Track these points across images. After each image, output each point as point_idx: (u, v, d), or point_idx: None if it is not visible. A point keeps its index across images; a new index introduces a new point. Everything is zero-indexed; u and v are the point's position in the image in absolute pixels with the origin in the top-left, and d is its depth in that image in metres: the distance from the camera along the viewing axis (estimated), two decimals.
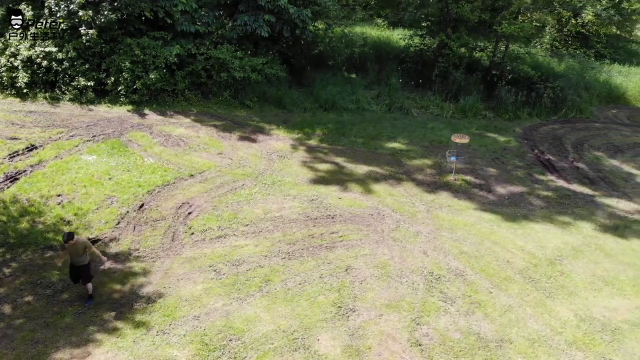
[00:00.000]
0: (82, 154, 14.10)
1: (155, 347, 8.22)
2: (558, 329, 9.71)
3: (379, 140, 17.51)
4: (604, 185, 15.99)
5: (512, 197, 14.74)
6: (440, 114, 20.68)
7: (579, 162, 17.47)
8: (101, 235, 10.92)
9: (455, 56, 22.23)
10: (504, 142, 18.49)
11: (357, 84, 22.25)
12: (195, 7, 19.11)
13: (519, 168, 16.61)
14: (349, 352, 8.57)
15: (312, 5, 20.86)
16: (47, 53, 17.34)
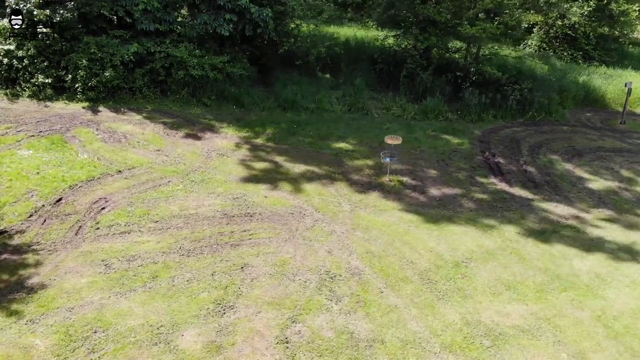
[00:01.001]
0: (20, 149, 14.53)
1: (20, 335, 8.50)
2: (438, 331, 9.67)
3: (328, 140, 17.57)
4: (547, 189, 15.77)
5: (444, 199, 14.65)
6: (402, 115, 20.63)
7: (528, 166, 17.25)
8: (9, 227, 11.28)
9: (423, 57, 22.08)
10: (456, 144, 18.35)
11: (324, 84, 22.34)
12: (157, 6, 19.42)
13: (461, 170, 16.48)
14: (209, 347, 8.70)
15: (276, 5, 20.99)
16: (8, 51, 17.84)
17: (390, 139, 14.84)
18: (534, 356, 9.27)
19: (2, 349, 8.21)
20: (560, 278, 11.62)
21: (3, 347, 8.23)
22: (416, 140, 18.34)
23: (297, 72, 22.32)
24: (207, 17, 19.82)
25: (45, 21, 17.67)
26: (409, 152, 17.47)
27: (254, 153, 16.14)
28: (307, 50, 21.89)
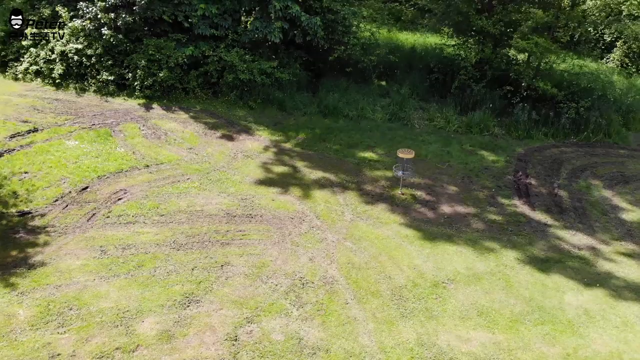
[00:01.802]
0: (69, 140, 16.35)
1: (8, 304, 9.90)
2: (387, 348, 9.92)
3: (356, 148, 17.93)
4: (572, 216, 15.14)
5: (453, 217, 14.58)
6: (444, 128, 20.44)
7: (561, 189, 16.56)
8: (34, 209, 12.92)
9: (476, 69, 21.70)
10: (491, 161, 17.98)
11: (373, 91, 22.63)
12: (215, 13, 20.74)
13: (485, 189, 16.19)
14: (162, 336, 9.61)
15: (327, 14, 21.62)
16: (78, 50, 19.98)
17: (402, 153, 14.95)
18: None
19: None
20: (542, 310, 11.29)
21: None
22: (448, 155, 18.15)
23: (348, 78, 22.75)
24: (259, 24, 20.80)
25: (109, 24, 19.46)
26: (435, 166, 17.38)
27: (278, 157, 16.88)
28: (358, 58, 22.21)
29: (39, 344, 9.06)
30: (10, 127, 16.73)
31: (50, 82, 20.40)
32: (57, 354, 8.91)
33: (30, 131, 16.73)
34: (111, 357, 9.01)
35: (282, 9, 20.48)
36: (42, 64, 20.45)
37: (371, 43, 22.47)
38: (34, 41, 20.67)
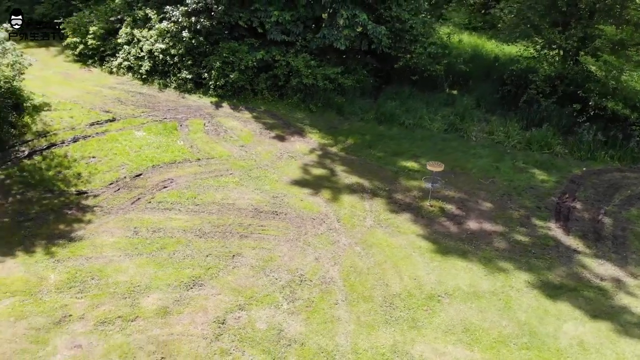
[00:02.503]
0: (139, 130, 18.45)
1: (43, 268, 11.82)
2: (360, 350, 10.59)
3: (400, 157, 18.38)
4: (609, 245, 14.61)
5: (477, 234, 14.67)
6: (502, 142, 20.18)
7: (606, 216, 15.93)
8: (90, 190, 14.97)
9: (547, 84, 21.14)
10: (540, 180, 17.59)
11: (437, 100, 22.78)
12: (288, 19, 22.10)
13: (522, 209, 16.00)
14: (161, 311, 11.00)
15: (395, 24, 22.16)
16: (163, 49, 22.26)
17: (432, 166, 15.23)
18: None
19: (27, 275, 11.55)
20: (534, 336, 11.27)
21: (28, 275, 11.56)
22: (496, 170, 18.00)
23: (414, 86, 23.06)
24: (327, 31, 21.79)
25: (189, 27, 21.46)
26: (478, 180, 17.35)
27: (320, 160, 17.80)
28: (424, 67, 22.47)
29: (57, 304, 10.78)
30: (93, 115, 19.14)
31: (138, 77, 22.80)
32: (69, 314, 10.55)
33: (108, 120, 19.00)
34: (112, 323, 10.50)
35: (349, 18, 21.23)
36: (133, 61, 22.93)
37: (438, 52, 22.47)
38: (127, 39, 23.17)
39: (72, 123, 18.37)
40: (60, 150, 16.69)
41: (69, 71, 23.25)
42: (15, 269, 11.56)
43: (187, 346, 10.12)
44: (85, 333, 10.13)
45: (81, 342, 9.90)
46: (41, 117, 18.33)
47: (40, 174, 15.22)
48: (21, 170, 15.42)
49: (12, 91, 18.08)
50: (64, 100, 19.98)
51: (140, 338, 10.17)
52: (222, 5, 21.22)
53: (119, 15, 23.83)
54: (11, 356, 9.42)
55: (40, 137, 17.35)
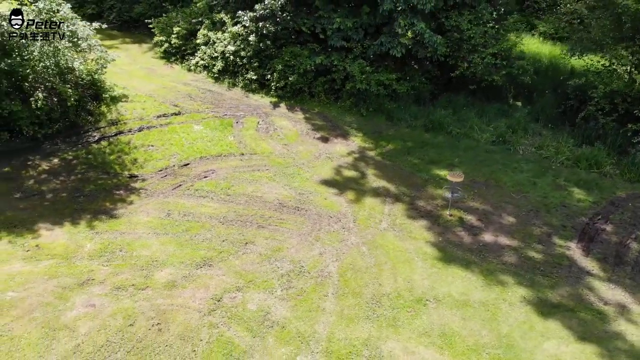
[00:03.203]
0: (198, 124, 20.47)
1: (82, 238, 13.89)
2: (333, 339, 11.54)
3: (435, 165, 18.86)
4: (627, 270, 14.34)
5: (490, 246, 14.97)
6: (550, 157, 19.93)
7: (636, 241, 15.55)
8: (140, 174, 17.07)
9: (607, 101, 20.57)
10: (576, 200, 17.33)
11: (492, 110, 22.82)
12: (349, 26, 23.24)
13: (546, 226, 16.00)
14: (168, 284, 12.64)
15: (453, 33, 22.53)
16: (234, 51, 24.25)
17: (452, 176, 15.68)
18: None
19: (68, 242, 13.69)
20: (510, 349, 11.59)
21: (69, 242, 13.69)
22: (533, 185, 17.95)
23: (472, 95, 23.23)
24: (385, 38, 22.60)
25: (256, 32, 23.22)
26: (509, 194, 17.47)
27: (355, 162, 18.74)
28: (482, 77, 22.60)
29: (85, 269, 12.75)
30: (162, 108, 21.40)
31: (212, 75, 24.96)
32: (93, 278, 12.46)
33: (174, 114, 21.18)
34: (125, 289, 12.28)
35: (406, 26, 21.89)
36: (208, 60, 25.12)
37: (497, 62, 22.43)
38: (204, 40, 25.40)
39: (142, 114, 20.70)
40: (125, 138, 18.98)
41: (153, 67, 25.88)
42: (60, 236, 13.72)
43: (182, 316, 11.62)
44: (101, 295, 11.95)
45: (95, 302, 11.72)
46: (117, 107, 20.82)
47: (103, 157, 17.51)
48: (88, 152, 17.83)
49: (93, 83, 20.69)
50: (141, 93, 22.44)
51: (145, 305, 11.81)
52: (287, 12, 22.64)
53: (199, 18, 26.07)
54: (36, 307, 11.43)
55: (112, 125, 19.78)
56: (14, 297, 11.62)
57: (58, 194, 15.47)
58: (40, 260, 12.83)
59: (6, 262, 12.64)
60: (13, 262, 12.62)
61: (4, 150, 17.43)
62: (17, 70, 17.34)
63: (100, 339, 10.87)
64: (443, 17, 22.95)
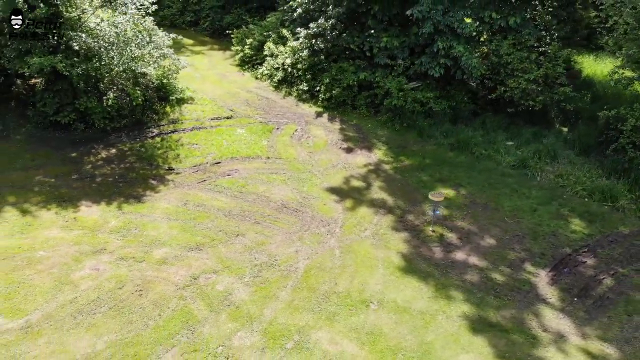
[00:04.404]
0: (242, 129, 23.46)
1: (111, 216, 17.20)
2: (273, 322, 13.65)
3: (442, 183, 20.04)
4: (586, 304, 14.65)
5: (457, 264, 16.01)
6: (566, 186, 20.18)
7: (612, 277, 15.83)
8: (177, 168, 20.29)
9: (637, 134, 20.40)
10: (570, 230, 17.53)
11: (526, 134, 23.30)
12: (395, 45, 24.98)
13: (524, 252, 16.72)
14: (160, 260, 15.53)
15: (493, 57, 23.39)
16: (291, 63, 26.96)
17: (433, 195, 16.98)
18: None
19: (98, 218, 17.10)
20: (426, 355, 12.76)
21: (99, 218, 17.10)
22: (532, 212, 18.48)
23: (512, 117, 23.78)
24: (425, 58, 24.00)
25: (309, 47, 25.68)
26: (502, 218, 18.33)
27: (366, 174, 20.51)
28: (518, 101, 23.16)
29: (102, 241, 16.03)
30: (218, 112, 24.64)
31: (273, 84, 27.83)
32: (105, 248, 15.69)
33: (226, 117, 24.30)
34: (126, 260, 15.34)
35: (445, 49, 23.17)
36: (272, 70, 28.01)
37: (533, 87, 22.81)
38: (270, 52, 28.34)
39: (199, 116, 24.05)
40: (176, 136, 22.38)
41: (227, 73, 29.35)
42: (94, 212, 17.19)
43: (160, 287, 14.42)
44: (106, 262, 15.12)
45: (100, 267, 14.90)
46: (181, 108, 24.36)
47: (152, 151, 20.97)
48: (142, 146, 21.40)
49: (163, 86, 24.36)
50: (206, 96, 25.88)
51: (136, 274, 14.78)
52: (337, 30, 24.81)
53: (269, 32, 29.06)
54: (56, 265, 14.83)
55: (171, 123, 23.31)
56: (43, 255, 15.11)
57: (105, 178, 19.04)
58: (72, 229, 16.31)
59: (47, 228, 16.25)
60: (52, 229, 16.20)
61: (78, 138, 21.48)
62: (95, 74, 21.18)
63: (93, 295, 13.93)
64: (487, 40, 23.68)
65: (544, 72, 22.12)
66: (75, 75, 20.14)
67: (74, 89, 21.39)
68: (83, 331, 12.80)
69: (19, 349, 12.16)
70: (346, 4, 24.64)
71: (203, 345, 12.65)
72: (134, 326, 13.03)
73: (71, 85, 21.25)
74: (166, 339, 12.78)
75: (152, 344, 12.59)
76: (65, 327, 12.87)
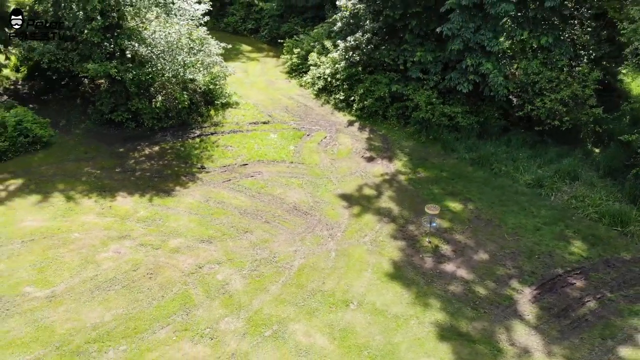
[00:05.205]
0: (274, 133, 25.35)
1: (141, 207, 19.53)
2: (260, 312, 15.34)
3: (452, 197, 20.87)
4: (563, 324, 15.06)
5: (444, 275, 16.79)
6: (579, 209, 20.38)
7: (597, 301, 16.16)
8: (208, 167, 22.42)
9: None
10: (568, 252, 17.85)
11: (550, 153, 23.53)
12: (429, 60, 25.98)
13: (514, 269, 17.25)
14: (174, 249, 17.64)
15: (521, 76, 23.84)
16: (330, 73, 28.56)
17: (429, 209, 17.98)
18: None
19: (130, 207, 19.48)
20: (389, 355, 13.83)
21: (130, 208, 19.48)
22: (535, 231, 18.87)
23: (541, 135, 24.02)
24: (454, 74, 24.81)
25: (347, 59, 27.13)
26: (502, 235, 19.00)
27: (380, 183, 21.70)
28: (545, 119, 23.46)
29: (129, 228, 18.34)
30: (257, 117, 26.64)
31: (314, 93, 29.51)
32: (129, 235, 17.97)
33: (263, 122, 26.25)
34: (145, 246, 17.54)
35: (474, 65, 23.91)
36: (314, 79, 29.73)
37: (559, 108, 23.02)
38: (314, 62, 30.04)
39: (239, 120, 26.16)
40: (214, 137, 24.57)
41: (275, 80, 31.35)
42: (128, 203, 19.59)
43: (168, 272, 16.47)
44: (127, 247, 17.38)
45: (121, 251, 17.17)
46: (224, 112, 26.58)
47: (189, 151, 23.24)
48: (182, 145, 23.74)
49: (210, 91, 26.67)
50: (250, 102, 27.98)
51: (150, 259, 16.92)
52: (372, 44, 26.09)
53: (315, 43, 30.75)
54: (85, 246, 17.23)
55: (213, 126, 25.55)
56: (77, 237, 17.60)
57: (144, 173, 21.46)
58: (106, 216, 18.74)
59: (86, 213, 18.78)
60: (89, 215, 18.72)
61: (128, 135, 24.14)
62: (145, 79, 23.72)
63: (111, 274, 16.17)
64: (517, 59, 24.07)
65: (571, 93, 22.19)
66: (128, 79, 22.66)
67: (127, 91, 23.97)
68: (96, 304, 14.95)
69: (41, 314, 14.48)
70: (383, 19, 25.76)
71: (193, 326, 14.44)
72: (139, 304, 15.04)
73: (125, 88, 23.82)
74: (164, 317, 14.67)
75: (150, 320, 14.53)
76: (82, 299, 15.09)
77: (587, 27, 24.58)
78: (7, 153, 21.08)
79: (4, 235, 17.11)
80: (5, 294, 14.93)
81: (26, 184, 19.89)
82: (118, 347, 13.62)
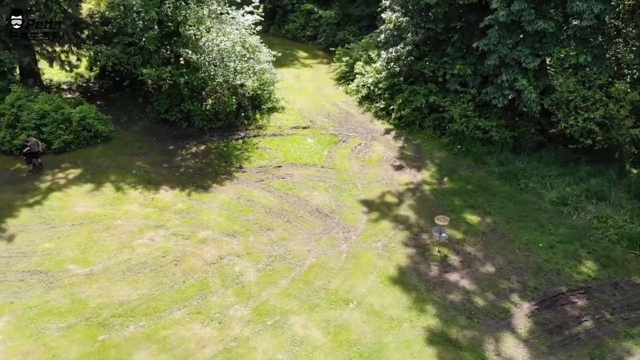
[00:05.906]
0: (311, 138, 26.90)
1: (179, 200, 21.68)
2: (266, 302, 16.98)
3: (471, 209, 21.50)
4: (555, 340, 15.41)
5: (448, 284, 17.60)
6: (599, 229, 20.53)
7: (594, 321, 16.46)
8: (245, 167, 24.25)
9: None
10: (577, 271, 17.94)
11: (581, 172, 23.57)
12: (468, 73, 26.68)
13: (518, 283, 17.66)
14: (201, 240, 19.60)
15: (555, 94, 24.10)
16: (372, 82, 29.77)
17: (438, 220, 18.85)
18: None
19: (169, 200, 21.63)
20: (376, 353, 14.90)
21: (170, 200, 21.62)
22: (548, 249, 19.13)
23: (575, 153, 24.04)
24: (491, 89, 25.35)
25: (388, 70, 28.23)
26: (513, 250, 19.55)
27: (403, 191, 22.68)
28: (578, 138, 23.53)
29: (165, 219, 20.43)
30: (299, 122, 28.27)
31: (357, 100, 30.82)
32: (164, 225, 20.04)
33: (303, 127, 27.84)
34: (176, 236, 19.53)
35: (509, 81, 24.41)
36: (360, 87, 31.03)
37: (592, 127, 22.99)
38: (359, 71, 31.32)
39: (282, 124, 27.90)
40: (256, 140, 26.43)
41: (324, 86, 32.89)
42: (168, 196, 21.74)
43: (193, 261, 18.37)
44: (161, 235, 19.46)
45: (155, 238, 19.27)
46: (269, 116, 28.42)
47: (231, 151, 25.20)
48: (225, 145, 25.75)
49: (257, 96, 28.60)
50: (295, 107, 29.67)
51: (179, 248, 18.90)
52: (412, 56, 27.05)
53: (364, 51, 32.00)
54: (125, 232, 19.47)
55: (257, 129, 27.43)
56: (119, 224, 19.89)
57: (187, 170, 23.61)
58: (147, 207, 20.97)
59: (130, 203, 21.09)
60: (133, 204, 21.01)
61: (180, 134, 26.45)
62: (196, 84, 25.93)
63: (143, 258, 18.27)
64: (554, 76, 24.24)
65: (605, 112, 22.17)
66: (182, 83, 24.91)
67: (181, 94, 26.26)
68: (126, 284, 17.04)
69: (78, 289, 16.72)
70: (424, 32, 26.59)
71: (206, 310, 16.18)
72: (162, 287, 16.99)
73: (179, 91, 26.12)
74: (182, 300, 16.52)
75: (170, 302, 16.42)
76: (114, 279, 17.23)
77: (632, 47, 24.22)
78: (70, 145, 23.81)
79: (58, 218, 19.59)
80: (52, 269, 17.27)
81: (83, 174, 22.46)
82: (138, 322, 15.50)
